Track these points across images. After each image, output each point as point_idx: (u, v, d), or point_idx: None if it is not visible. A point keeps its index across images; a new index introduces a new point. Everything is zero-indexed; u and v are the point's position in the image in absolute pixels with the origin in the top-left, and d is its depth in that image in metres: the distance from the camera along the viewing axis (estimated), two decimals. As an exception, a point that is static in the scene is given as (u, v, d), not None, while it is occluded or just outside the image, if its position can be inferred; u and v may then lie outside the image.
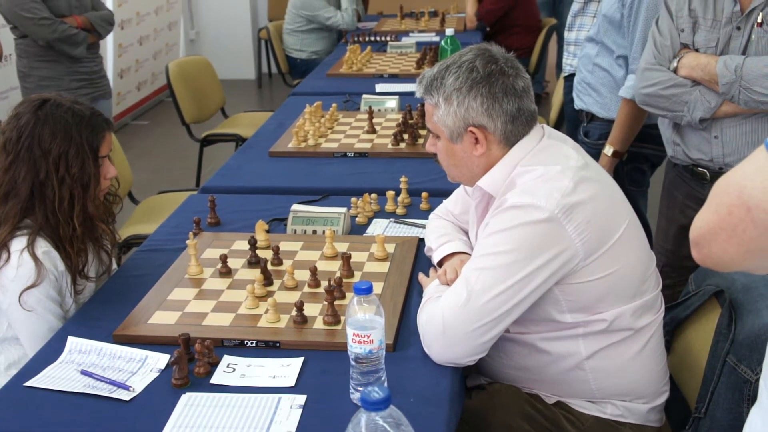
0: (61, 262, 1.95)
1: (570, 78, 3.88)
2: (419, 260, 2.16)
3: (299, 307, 1.84)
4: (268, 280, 2.02)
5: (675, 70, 2.39)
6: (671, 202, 2.67)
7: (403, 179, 2.56)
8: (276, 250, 2.15)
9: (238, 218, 2.49)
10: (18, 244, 1.90)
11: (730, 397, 1.63)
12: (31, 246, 1.90)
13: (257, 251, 2.16)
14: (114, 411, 1.58)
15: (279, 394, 1.61)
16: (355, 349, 1.53)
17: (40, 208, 1.93)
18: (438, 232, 2.09)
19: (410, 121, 3.25)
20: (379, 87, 4.18)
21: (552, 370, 1.79)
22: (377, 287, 1.98)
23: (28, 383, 1.67)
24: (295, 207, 2.42)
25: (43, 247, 1.92)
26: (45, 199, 1.92)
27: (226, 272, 2.09)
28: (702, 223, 1.01)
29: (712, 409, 1.68)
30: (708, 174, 2.45)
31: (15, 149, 1.91)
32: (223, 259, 2.10)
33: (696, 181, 2.51)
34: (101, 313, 1.93)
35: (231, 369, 1.70)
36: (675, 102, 2.39)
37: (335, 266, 2.12)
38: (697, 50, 2.36)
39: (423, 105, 1.90)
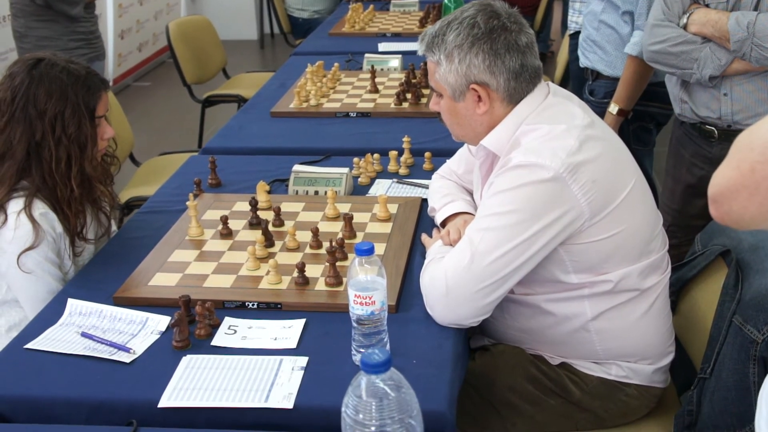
0: (59, 224, 1.93)
1: (576, 36, 3.82)
2: (422, 221, 2.14)
3: (301, 268, 1.83)
4: (269, 241, 2.00)
5: (685, 27, 2.34)
6: (678, 161, 2.64)
7: (405, 139, 2.53)
8: (277, 211, 2.13)
9: (239, 179, 2.47)
10: (15, 205, 1.89)
11: (736, 357, 1.62)
12: (28, 208, 1.88)
13: (258, 212, 2.14)
14: (115, 373, 1.57)
15: (281, 355, 1.60)
16: (356, 310, 1.51)
17: (36, 169, 1.91)
18: (441, 192, 2.07)
19: (413, 81, 3.22)
20: (382, 46, 4.13)
21: (557, 332, 1.77)
22: (379, 248, 1.96)
23: (29, 345, 1.66)
24: (296, 167, 2.40)
25: (40, 208, 1.90)
26: (41, 160, 1.90)
27: (227, 234, 2.07)
28: (722, 180, 0.97)
29: (717, 370, 1.67)
30: (716, 132, 2.42)
31: (10, 110, 1.88)
32: (224, 220, 2.08)
33: (703, 139, 2.48)
34: (101, 275, 1.92)
35: (232, 331, 1.69)
36: (684, 59, 2.35)
37: (337, 227, 2.10)
38: (707, 5, 2.31)
39: (426, 63, 1.86)
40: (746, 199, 0.94)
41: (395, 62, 3.66)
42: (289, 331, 1.68)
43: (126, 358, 1.61)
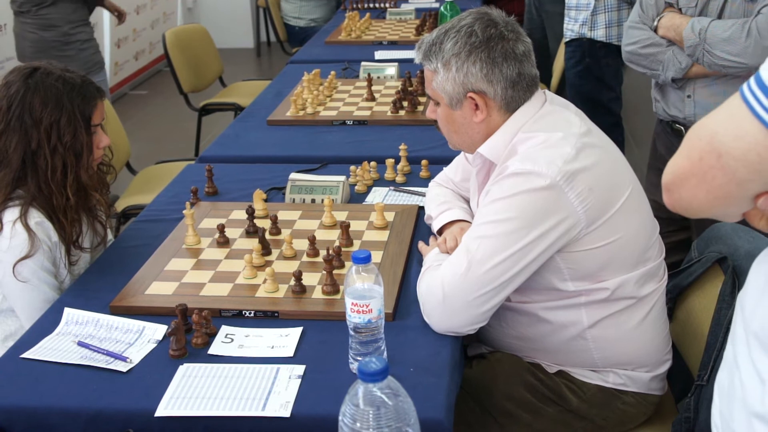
0: (55, 233, 1.93)
1: (571, 43, 3.85)
2: (419, 228, 2.14)
3: (298, 276, 1.82)
4: (266, 249, 2.00)
5: (655, 30, 2.46)
6: (655, 154, 2.76)
7: (402, 147, 2.53)
8: (274, 220, 2.13)
9: (235, 187, 2.47)
10: (10, 214, 1.88)
11: (733, 364, 1.61)
12: (23, 216, 1.87)
13: (255, 221, 2.14)
14: (111, 382, 1.57)
15: (277, 364, 1.59)
16: (353, 318, 1.51)
17: (32, 178, 1.90)
18: (438, 200, 2.07)
19: (409, 89, 3.22)
20: (378, 54, 4.13)
21: (554, 340, 1.77)
22: (376, 256, 1.96)
23: (25, 355, 1.65)
24: (293, 176, 2.40)
25: (36, 217, 1.90)
26: (37, 169, 1.90)
27: (224, 242, 2.07)
28: (674, 168, 1.01)
29: (714, 377, 1.67)
30: (684, 131, 2.52)
31: (5, 118, 1.88)
32: (221, 228, 2.07)
33: (675, 137, 2.58)
34: (98, 284, 1.92)
35: (229, 339, 1.68)
36: (652, 61, 2.48)
37: (334, 235, 2.10)
38: (680, 10, 2.38)
39: (423, 71, 1.87)
40: (695, 186, 0.97)
41: (392, 70, 3.66)
42: (286, 340, 1.68)
43: (123, 367, 1.60)
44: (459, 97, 1.75)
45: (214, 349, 1.66)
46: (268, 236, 2.08)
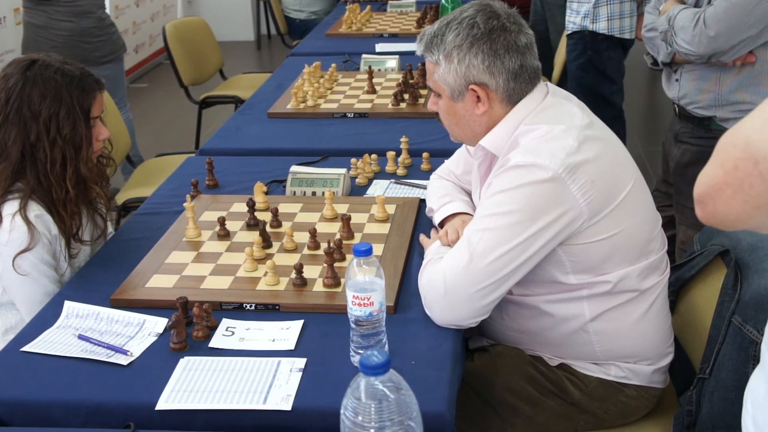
0: (55, 226, 1.92)
1: (573, 36, 3.83)
2: (420, 221, 2.13)
3: (299, 269, 1.82)
4: (267, 242, 1.99)
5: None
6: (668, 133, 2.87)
7: (403, 139, 2.53)
8: (275, 212, 2.12)
9: (236, 180, 2.46)
10: (10, 207, 1.88)
11: (735, 357, 1.61)
12: (23, 209, 1.87)
13: (256, 213, 2.13)
14: (112, 376, 1.57)
15: (279, 357, 1.59)
16: (355, 311, 1.51)
17: (31, 170, 1.90)
18: (439, 192, 2.06)
19: (410, 81, 3.21)
20: (379, 47, 4.12)
21: (555, 333, 1.77)
22: (378, 249, 1.95)
23: (25, 348, 1.65)
24: (294, 168, 2.39)
25: (35, 210, 1.89)
26: (36, 162, 1.89)
27: (225, 235, 2.06)
28: (707, 179, 0.96)
29: (716, 370, 1.66)
30: (677, 110, 2.67)
31: (4, 111, 1.87)
32: (222, 221, 2.07)
33: (674, 115, 2.72)
34: (98, 278, 1.91)
35: (230, 332, 1.68)
36: (651, 44, 2.65)
37: (335, 228, 2.09)
38: None
39: (424, 64, 1.86)
40: (730, 197, 0.93)
41: (392, 63, 3.65)
42: (287, 333, 1.67)
43: (123, 360, 1.60)
44: (461, 90, 1.74)
45: (215, 342, 1.65)
46: (268, 229, 2.07)
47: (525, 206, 1.62)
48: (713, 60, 2.40)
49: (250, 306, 1.76)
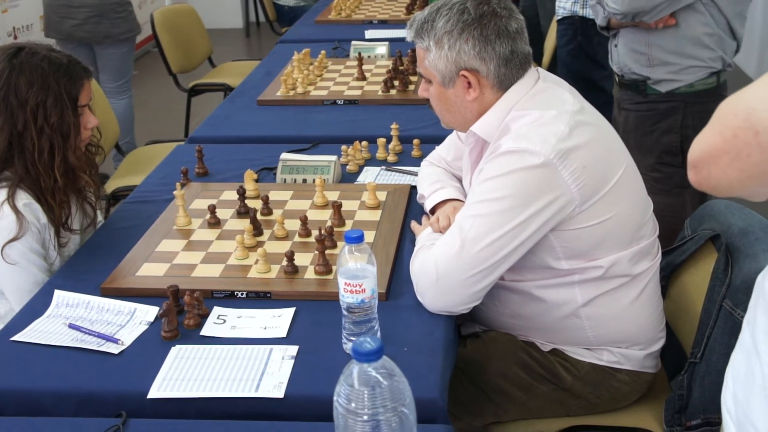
0: (43, 215, 1.90)
1: (563, 21, 3.82)
2: (411, 208, 2.13)
3: (290, 257, 1.81)
4: (257, 230, 1.98)
5: None
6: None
7: (394, 126, 2.52)
8: (265, 200, 2.11)
9: (226, 168, 2.45)
10: (-2, 196, 1.86)
11: (726, 341, 1.62)
12: (11, 198, 1.85)
13: (246, 201, 2.13)
14: (103, 364, 1.56)
15: (270, 345, 1.59)
16: (346, 298, 1.50)
17: (19, 159, 1.88)
18: (430, 179, 2.06)
19: (401, 68, 3.20)
20: (369, 33, 4.11)
21: (548, 318, 1.77)
22: (369, 236, 1.95)
23: (15, 338, 1.64)
24: (284, 156, 2.38)
25: (23, 199, 1.87)
26: (24, 151, 1.87)
27: (215, 223, 2.05)
28: (704, 145, 0.96)
29: (707, 354, 1.67)
30: (617, 78, 2.81)
31: None
32: (212, 209, 2.06)
33: (615, 84, 2.86)
34: (88, 266, 1.90)
35: (221, 320, 1.67)
36: (594, 11, 2.78)
37: (326, 215, 2.08)
38: None
39: (414, 50, 1.85)
40: (727, 165, 0.93)
41: (382, 49, 3.64)
42: (278, 320, 1.67)
43: (114, 349, 1.59)
44: (451, 76, 1.73)
45: (207, 330, 1.65)
46: (259, 216, 2.06)
47: (516, 192, 1.61)
48: (637, 20, 2.52)
49: (242, 294, 1.76)
